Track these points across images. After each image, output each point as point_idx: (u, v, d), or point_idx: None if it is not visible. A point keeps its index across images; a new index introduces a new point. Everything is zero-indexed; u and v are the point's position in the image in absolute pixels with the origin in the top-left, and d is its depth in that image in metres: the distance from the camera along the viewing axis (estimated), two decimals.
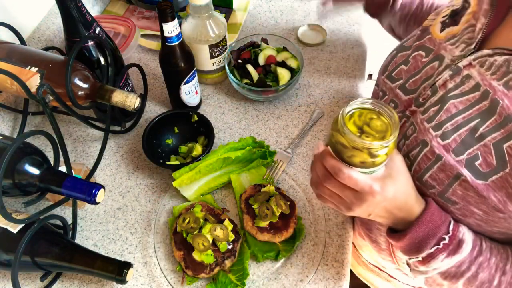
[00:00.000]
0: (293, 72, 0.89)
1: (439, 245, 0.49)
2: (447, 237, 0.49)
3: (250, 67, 0.88)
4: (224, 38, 0.87)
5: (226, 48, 0.90)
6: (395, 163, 0.50)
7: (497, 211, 0.48)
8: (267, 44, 0.94)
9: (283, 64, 0.90)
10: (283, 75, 0.88)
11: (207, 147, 0.77)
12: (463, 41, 0.54)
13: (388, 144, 0.45)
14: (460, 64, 0.52)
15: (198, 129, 0.83)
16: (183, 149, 0.82)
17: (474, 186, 0.48)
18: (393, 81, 0.61)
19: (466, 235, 0.50)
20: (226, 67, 0.87)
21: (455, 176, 0.49)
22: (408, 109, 0.58)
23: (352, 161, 0.47)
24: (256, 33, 0.97)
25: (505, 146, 0.46)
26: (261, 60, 0.91)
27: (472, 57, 0.51)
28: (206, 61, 0.88)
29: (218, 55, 0.88)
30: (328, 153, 0.48)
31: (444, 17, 0.60)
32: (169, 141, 0.83)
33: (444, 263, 0.50)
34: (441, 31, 0.58)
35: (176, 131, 0.84)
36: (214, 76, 0.93)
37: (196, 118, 0.82)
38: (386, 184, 0.48)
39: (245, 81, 0.88)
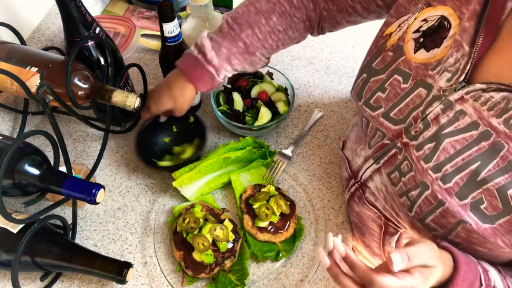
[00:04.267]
0: (276, 116, 0.83)
1: None
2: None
3: (235, 95, 0.85)
4: None
5: None
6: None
7: (503, 248, 0.47)
8: (272, 78, 0.89)
9: (272, 104, 0.85)
10: (263, 115, 0.82)
11: (199, 150, 0.76)
12: (446, 69, 0.50)
13: None
14: (451, 98, 0.49)
15: (195, 130, 0.81)
16: (177, 149, 0.82)
17: (479, 232, 0.46)
18: (373, 110, 0.58)
19: (497, 280, 0.48)
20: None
21: (457, 223, 0.48)
22: (399, 140, 0.55)
23: None
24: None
25: (509, 192, 0.44)
26: (254, 92, 0.87)
27: (464, 91, 0.48)
28: None
29: None
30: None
31: (415, 32, 0.54)
32: (166, 139, 0.82)
33: None
34: (416, 51, 0.53)
35: (175, 129, 0.83)
36: None
37: (192, 119, 0.81)
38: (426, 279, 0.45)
39: (225, 107, 0.85)
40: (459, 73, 0.49)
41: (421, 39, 0.53)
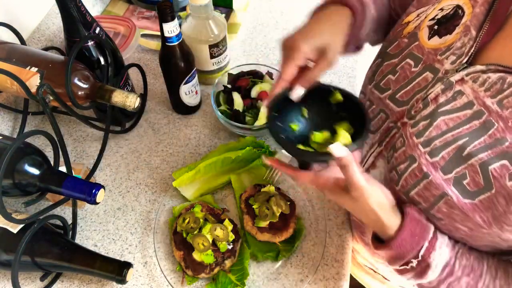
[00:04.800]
0: None
1: (407, 265, 0.52)
2: (415, 261, 0.51)
3: (235, 95, 0.84)
4: (224, 38, 0.87)
5: (226, 48, 0.90)
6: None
7: (482, 228, 0.48)
8: (272, 78, 0.88)
9: None
10: (263, 115, 0.81)
11: (357, 136, 0.54)
12: (453, 53, 0.52)
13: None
14: (452, 79, 0.50)
15: (337, 113, 0.59)
16: (318, 137, 0.59)
17: (459, 206, 0.47)
18: (381, 92, 0.59)
19: (437, 259, 0.50)
20: (212, 94, 0.83)
21: (440, 195, 0.49)
22: (400, 121, 0.56)
23: None
24: (263, 64, 0.89)
25: (490, 168, 0.45)
26: (254, 93, 0.85)
27: (465, 72, 0.49)
28: (206, 61, 0.88)
29: (218, 55, 0.88)
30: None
31: (431, 20, 0.56)
32: (293, 126, 0.60)
33: (412, 280, 0.54)
34: (430, 38, 0.55)
35: (305, 114, 0.60)
36: (214, 76, 0.93)
37: (339, 97, 0.57)
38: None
39: (225, 107, 0.84)
40: (463, 56, 0.51)
41: (436, 27, 0.55)
